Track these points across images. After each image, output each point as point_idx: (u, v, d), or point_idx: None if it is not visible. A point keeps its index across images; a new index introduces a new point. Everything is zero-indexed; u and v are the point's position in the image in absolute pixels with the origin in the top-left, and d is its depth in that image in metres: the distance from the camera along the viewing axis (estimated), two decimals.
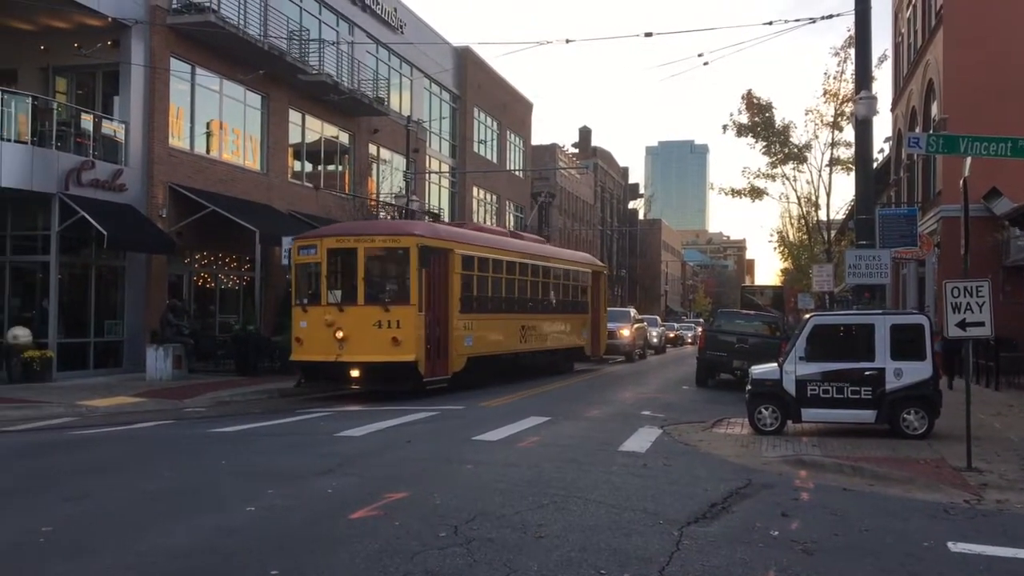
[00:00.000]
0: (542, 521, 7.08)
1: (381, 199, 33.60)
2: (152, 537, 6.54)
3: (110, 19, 21.46)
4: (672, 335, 54.39)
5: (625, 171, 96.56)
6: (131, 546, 6.30)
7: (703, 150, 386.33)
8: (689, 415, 15.63)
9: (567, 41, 21.47)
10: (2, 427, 13.98)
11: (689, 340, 57.81)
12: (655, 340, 42.05)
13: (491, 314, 20.70)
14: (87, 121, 21.93)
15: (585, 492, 8.26)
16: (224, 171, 25.20)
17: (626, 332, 33.32)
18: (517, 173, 53.17)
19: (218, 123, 25.78)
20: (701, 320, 73.41)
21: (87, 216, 19.49)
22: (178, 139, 23.91)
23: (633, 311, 37.84)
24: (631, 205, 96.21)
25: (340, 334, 17.04)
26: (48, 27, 22.31)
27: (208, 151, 25.33)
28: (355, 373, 17.23)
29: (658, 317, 50.20)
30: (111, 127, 22.33)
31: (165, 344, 20.80)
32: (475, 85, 45.16)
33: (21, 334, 19.52)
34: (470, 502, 7.68)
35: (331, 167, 32.50)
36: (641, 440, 12.12)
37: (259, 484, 8.53)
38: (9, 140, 19.28)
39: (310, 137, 30.46)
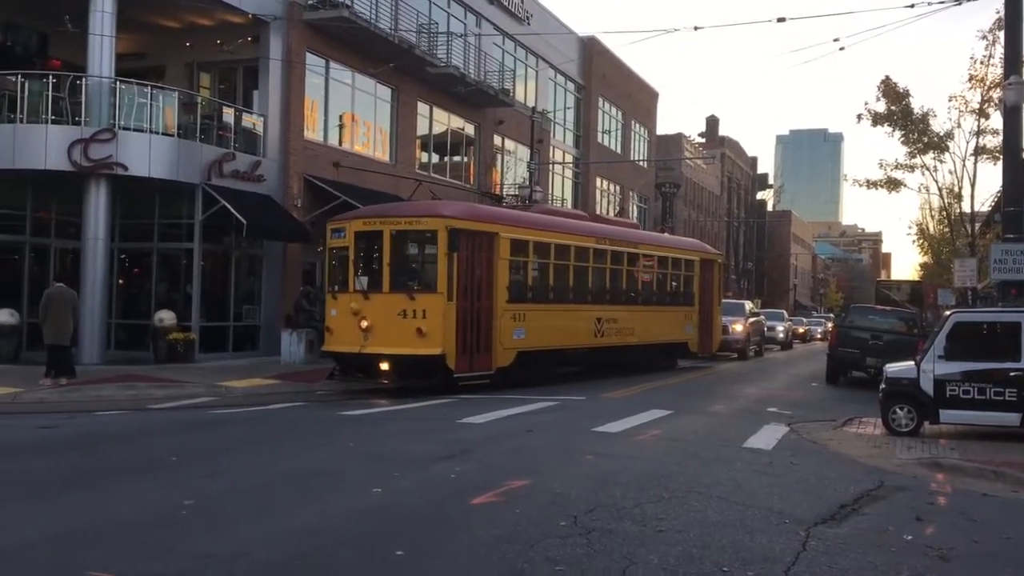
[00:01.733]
0: (662, 515, 7.01)
1: (505, 190, 33.93)
2: (286, 515, 6.82)
3: (251, 16, 22.42)
4: (801, 330, 52.82)
5: (754, 161, 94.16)
6: (265, 522, 6.59)
7: (837, 139, 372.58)
8: (818, 413, 15.15)
9: (695, 28, 21.04)
10: (148, 405, 14.86)
11: (818, 336, 56.04)
12: (781, 336, 40.85)
13: (553, 304, 18.79)
14: (228, 115, 23.00)
15: (707, 488, 8.13)
16: (355, 162, 25.94)
17: (739, 327, 30.70)
18: (641, 163, 52.63)
19: (350, 116, 26.56)
20: (831, 316, 70.99)
21: (228, 206, 20.44)
22: (312, 131, 24.77)
23: (748, 304, 35.40)
24: (759, 196, 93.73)
25: (365, 323, 15.79)
26: (194, 25, 23.47)
27: (340, 143, 26.14)
28: (384, 366, 15.93)
29: (784, 312, 48.77)
30: (250, 120, 23.34)
31: (298, 329, 21.61)
32: (600, 75, 44.91)
33: (167, 317, 20.66)
34: (590, 492, 7.68)
35: (456, 158, 32.99)
36: (767, 437, 11.84)
37: (385, 467, 8.77)
38: (157, 133, 20.40)
39: (437, 129, 31.00)
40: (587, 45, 43.61)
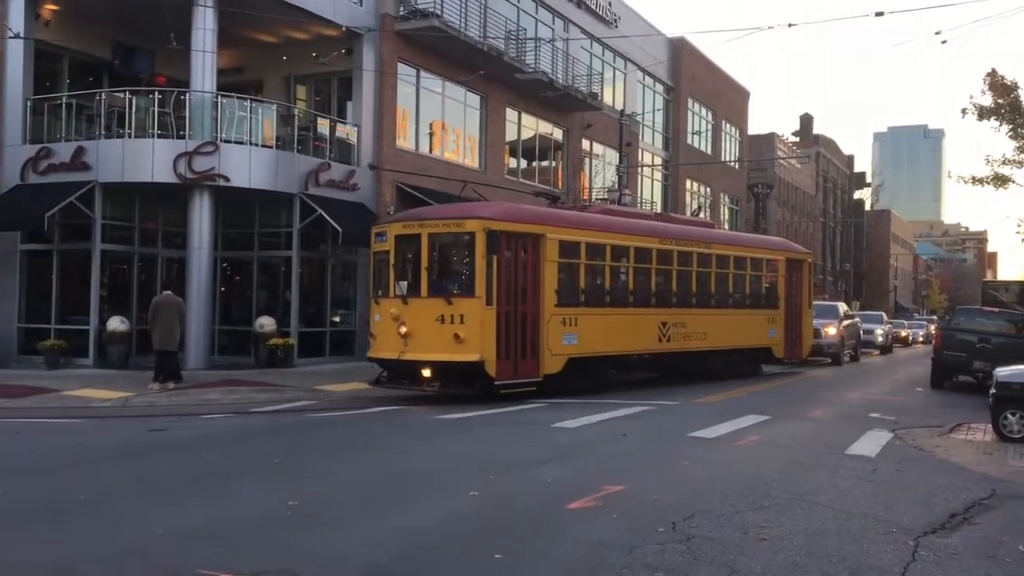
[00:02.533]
0: (764, 523, 6.89)
1: (594, 194, 33.85)
2: (388, 516, 6.96)
3: (344, 29, 22.96)
4: (903, 334, 51.08)
5: (850, 159, 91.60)
6: (368, 523, 6.74)
7: (937, 135, 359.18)
8: (923, 419, 14.65)
9: (789, 25, 20.62)
10: (251, 408, 15.34)
11: (920, 339, 54.15)
12: (880, 339, 39.46)
13: (609, 308, 17.90)
14: (323, 126, 23.59)
15: (810, 495, 7.96)
16: (445, 169, 26.23)
17: (831, 330, 28.99)
18: (732, 164, 51.78)
19: (440, 123, 26.91)
20: (934, 318, 68.44)
21: (324, 214, 20.96)
22: (404, 140, 25.19)
23: (843, 306, 33.41)
24: (857, 195, 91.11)
25: (403, 329, 15.39)
26: (290, 39, 24.15)
27: (431, 151, 26.51)
28: (426, 373, 15.48)
29: (884, 314, 47.20)
30: (344, 130, 23.90)
31: None
32: (689, 75, 44.40)
33: (267, 323, 21.30)
34: (688, 499, 7.61)
35: (544, 163, 33.06)
36: (870, 443, 11.50)
37: (481, 470, 8.86)
38: (257, 145, 21.06)
39: (525, 134, 31.13)
40: (676, 46, 43.18)
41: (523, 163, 31.74)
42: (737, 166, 52.77)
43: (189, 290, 20.29)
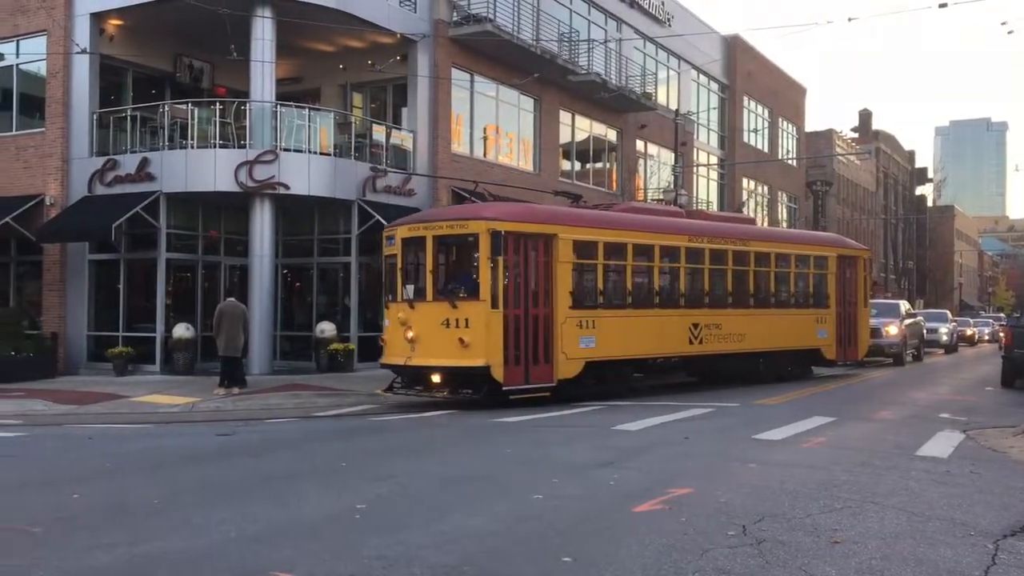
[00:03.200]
0: (836, 526, 6.75)
1: (649, 194, 33.64)
2: (452, 519, 6.97)
3: (399, 36, 23.18)
4: (968, 332, 49.74)
5: (911, 155, 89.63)
6: (434, 526, 6.76)
7: (1001, 128, 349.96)
8: (995, 419, 14.23)
9: (849, 20, 20.25)
10: (314, 412, 15.54)
11: (987, 337, 52.71)
12: (944, 338, 38.43)
13: (631, 310, 17.28)
14: (379, 132, 23.84)
15: (881, 498, 7.77)
16: (500, 173, 26.32)
17: (892, 330, 27.89)
18: (790, 162, 51.03)
19: (494, 127, 27.00)
20: (1001, 315, 66.60)
21: (381, 220, 21.13)
22: (459, 145, 25.33)
23: (905, 305, 32.23)
24: (919, 191, 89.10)
25: (410, 334, 15.13)
26: (346, 47, 24.45)
27: (485, 155, 26.61)
28: (436, 378, 15.16)
29: (948, 312, 46.03)
30: (400, 136, 24.11)
31: None
32: (745, 73, 43.89)
33: (327, 328, 21.57)
34: (757, 502, 7.49)
35: (599, 165, 32.95)
36: (941, 445, 11.21)
37: (544, 473, 8.84)
38: (315, 153, 21.36)
39: (579, 136, 31.09)
40: (730, 43, 42.75)
41: (577, 165, 31.68)
42: (795, 163, 51.99)
43: (251, 297, 20.64)
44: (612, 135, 32.85)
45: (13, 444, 11.98)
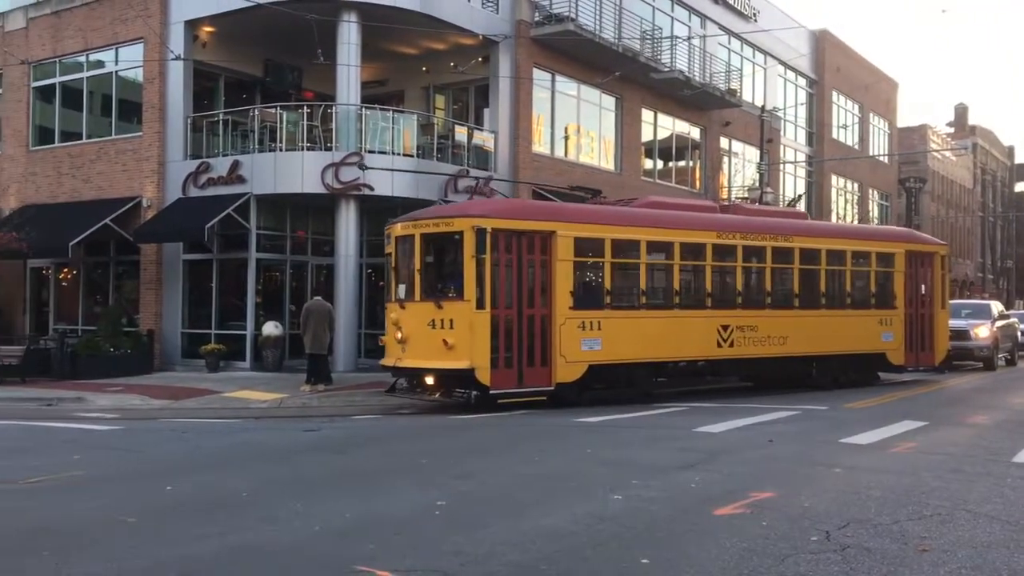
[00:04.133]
0: (924, 533, 6.55)
1: (733, 192, 33.12)
2: (531, 517, 7.02)
3: (481, 37, 23.35)
4: None
5: (1010, 150, 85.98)
6: (514, 524, 6.82)
7: None
8: None
9: (943, 11, 19.53)
10: (398, 410, 15.79)
11: None
12: None
13: (645, 311, 16.47)
14: (461, 133, 24.05)
15: (974, 505, 7.51)
16: (581, 173, 26.27)
17: (983, 332, 25.87)
18: (881, 159, 49.57)
19: (575, 127, 26.96)
20: None
21: None
22: (539, 145, 25.37)
23: (997, 305, 30.05)
24: (1019, 188, 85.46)
25: (399, 335, 14.93)
26: (429, 50, 24.74)
27: (566, 154, 26.59)
28: (430, 380, 14.88)
29: None
30: (481, 137, 24.28)
31: None
32: (833, 68, 42.81)
33: None
34: (842, 507, 7.33)
35: (681, 163, 32.60)
36: None
37: (624, 474, 8.81)
38: (398, 154, 21.69)
39: (661, 134, 30.80)
40: (818, 38, 41.77)
41: (659, 164, 31.40)
42: (887, 160, 50.48)
43: (337, 296, 21.06)
44: (695, 133, 32.45)
45: (111, 437, 12.52)
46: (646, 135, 29.90)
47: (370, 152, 21.18)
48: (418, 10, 21.52)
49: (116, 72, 24.21)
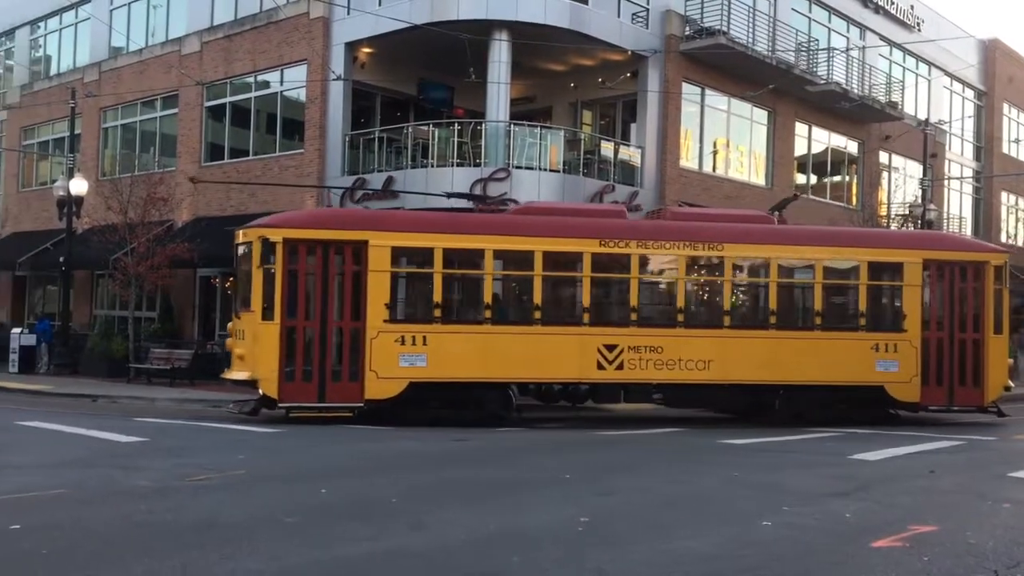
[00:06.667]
0: None
1: (893, 209, 31.63)
2: (676, 538, 6.91)
3: (630, 53, 23.29)
4: None
5: None
6: (658, 544, 6.73)
7: None
8: None
9: None
10: (537, 425, 15.88)
11: None
12: None
13: (490, 326, 15.06)
14: (607, 149, 24.05)
15: None
16: (730, 188, 25.74)
17: None
18: None
19: (724, 141, 26.46)
20: None
21: None
22: (687, 160, 25.03)
23: None
24: None
25: (229, 345, 15.37)
26: (578, 66, 24.87)
27: (714, 169, 26.13)
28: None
29: None
30: (627, 152, 24.19)
31: None
32: (1005, 79, 40.30)
33: None
34: (1011, 545, 6.86)
35: (836, 178, 31.42)
36: None
37: (774, 499, 8.55)
38: (545, 170, 21.89)
39: (816, 148, 29.80)
40: (987, 47, 39.43)
41: (813, 179, 30.38)
42: None
43: None
44: (853, 147, 31.22)
45: (271, 439, 13.13)
46: (799, 149, 29.00)
47: (517, 167, 21.47)
48: (568, 27, 21.69)
49: (281, 92, 25.52)
